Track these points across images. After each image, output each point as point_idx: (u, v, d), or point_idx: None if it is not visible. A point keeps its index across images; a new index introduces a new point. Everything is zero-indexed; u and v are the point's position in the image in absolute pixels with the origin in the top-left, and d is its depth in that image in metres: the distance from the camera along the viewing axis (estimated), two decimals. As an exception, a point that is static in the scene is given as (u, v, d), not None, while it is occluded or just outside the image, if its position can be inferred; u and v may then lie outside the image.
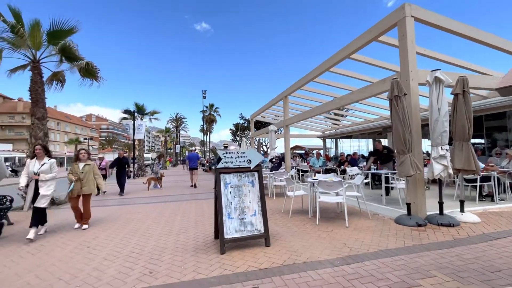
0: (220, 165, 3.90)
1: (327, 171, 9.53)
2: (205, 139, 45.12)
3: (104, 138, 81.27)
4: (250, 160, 4.01)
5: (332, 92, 11.40)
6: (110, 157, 47.84)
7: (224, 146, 16.84)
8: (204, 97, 38.66)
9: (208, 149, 42.70)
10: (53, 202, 7.51)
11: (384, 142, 17.43)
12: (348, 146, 23.08)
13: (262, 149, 28.65)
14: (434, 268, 2.85)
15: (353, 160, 10.40)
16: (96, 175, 5.36)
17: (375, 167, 8.18)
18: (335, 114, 18.28)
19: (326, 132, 20.56)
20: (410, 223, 4.50)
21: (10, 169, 24.35)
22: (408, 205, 4.80)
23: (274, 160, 10.94)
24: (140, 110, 20.38)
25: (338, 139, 21.55)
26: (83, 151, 5.35)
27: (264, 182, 4.58)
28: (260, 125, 27.56)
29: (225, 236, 3.58)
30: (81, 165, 5.21)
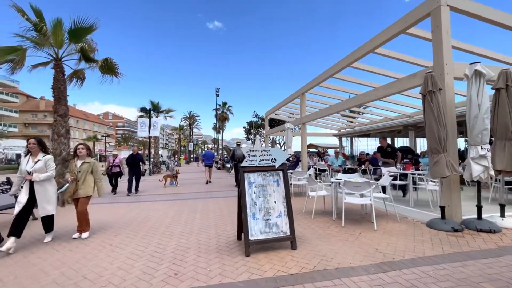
0: (244, 164, 3.75)
1: (346, 171, 9.21)
2: (217, 137, 45.41)
3: (120, 136, 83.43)
4: (275, 159, 3.84)
5: (352, 89, 11.03)
6: (126, 154, 49.27)
7: (237, 144, 16.74)
8: (217, 95, 38.85)
9: (220, 147, 42.96)
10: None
11: (405, 141, 16.74)
12: (364, 145, 22.45)
13: (276, 147, 28.42)
14: (484, 280, 2.58)
15: (373, 159, 9.99)
16: (97, 177, 4.58)
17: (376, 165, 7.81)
18: (351, 111, 17.78)
19: (342, 131, 20.07)
20: (445, 227, 4.20)
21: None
22: (442, 208, 4.48)
23: (290, 159, 10.72)
24: (156, 108, 20.63)
25: (355, 138, 20.99)
26: (81, 146, 4.57)
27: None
28: (274, 123, 27.32)
29: (250, 238, 3.43)
30: (79, 162, 4.47)
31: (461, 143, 15.86)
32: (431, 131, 4.39)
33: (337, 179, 5.45)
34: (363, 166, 9.19)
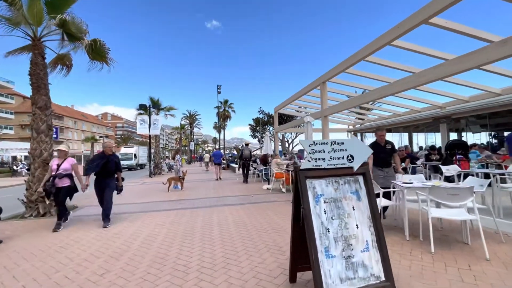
0: (306, 165, 2.32)
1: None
2: (219, 136, 43.92)
3: (119, 136, 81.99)
4: (351, 156, 2.42)
5: (385, 75, 9.57)
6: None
7: (245, 144, 15.46)
8: (219, 92, 37.34)
9: (219, 146, 41.48)
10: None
11: (436, 136, 15.17)
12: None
13: (285, 146, 26.99)
14: None
15: (412, 156, 8.61)
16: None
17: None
18: (361, 107, 16.30)
19: (356, 126, 18.64)
20: None
21: (26, 167, 23.94)
22: None
23: None
24: (156, 105, 19.19)
25: (373, 134, 19.49)
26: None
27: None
28: (281, 119, 25.87)
29: (327, 291, 2.02)
30: None
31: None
32: None
33: (405, 182, 4.05)
34: (403, 164, 7.77)
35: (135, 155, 30.77)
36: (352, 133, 19.48)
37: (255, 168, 13.68)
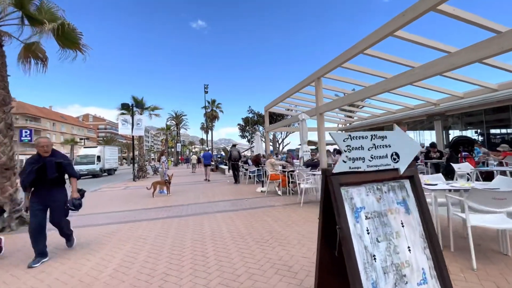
0: (340, 167, 1.70)
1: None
2: (207, 137, 42.83)
3: (102, 138, 78.83)
4: (397, 154, 1.82)
5: (381, 71, 9.17)
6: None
7: (233, 145, 14.91)
8: (206, 92, 36.32)
9: (208, 147, 40.34)
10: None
11: (431, 134, 15.00)
12: None
13: (276, 145, 26.46)
14: None
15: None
16: None
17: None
18: (351, 105, 15.88)
19: (348, 125, 18.39)
20: None
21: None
22: None
23: (315, 159, 8.77)
24: (139, 104, 18.09)
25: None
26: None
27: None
28: (271, 119, 25.33)
29: None
30: None
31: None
32: None
33: (428, 184, 3.52)
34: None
35: (98, 157, 23.85)
36: (344, 132, 19.22)
37: (246, 170, 13.01)
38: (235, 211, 6.01)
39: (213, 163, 25.56)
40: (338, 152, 11.16)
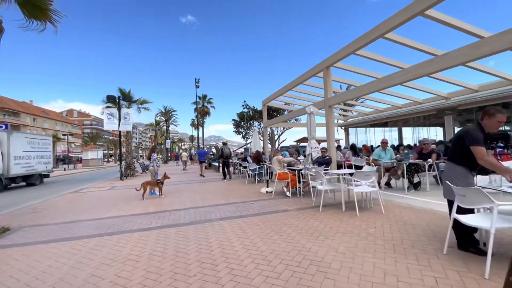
0: None
1: (411, 168, 6.57)
2: (198, 134, 41.43)
3: (87, 134, 75.70)
4: None
5: (397, 60, 8.38)
6: (93, 155, 43.46)
7: (223, 144, 14.48)
8: (197, 86, 35.01)
9: (198, 144, 39.03)
10: None
11: (440, 131, 14.46)
12: (379, 138, 19.41)
13: (274, 141, 25.45)
14: None
15: (444, 151, 7.54)
16: None
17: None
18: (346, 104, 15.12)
19: (349, 120, 17.71)
20: None
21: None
22: None
23: (326, 156, 7.93)
24: (127, 97, 16.74)
25: (368, 128, 18.55)
26: None
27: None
28: (268, 114, 24.38)
29: None
30: None
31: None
32: None
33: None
34: (430, 160, 6.62)
35: None
36: (343, 128, 18.54)
37: (244, 168, 12.07)
38: (243, 218, 5.08)
39: (207, 161, 24.51)
40: (351, 148, 10.38)
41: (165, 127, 48.70)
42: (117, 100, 15.62)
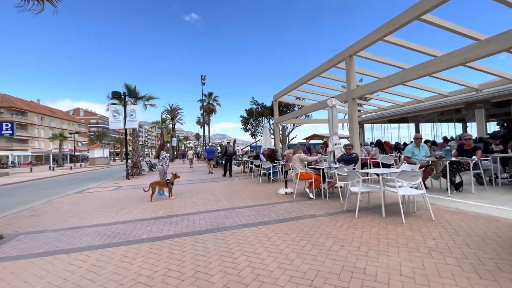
0: None
1: (453, 166, 5.77)
2: (203, 132, 40.87)
3: (93, 133, 75.97)
4: None
5: (428, 47, 7.54)
6: (100, 153, 43.22)
7: (227, 142, 14.22)
8: (203, 83, 34.49)
9: (204, 142, 38.43)
10: None
11: (470, 127, 13.31)
12: (396, 135, 17.66)
13: (285, 138, 24.71)
14: None
15: (484, 146, 6.72)
16: None
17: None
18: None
19: (363, 116, 16.86)
20: None
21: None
22: None
23: (354, 152, 7.19)
24: (132, 93, 16.17)
25: (385, 125, 17.57)
26: None
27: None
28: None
29: None
30: None
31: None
32: None
33: None
34: (474, 157, 5.81)
35: None
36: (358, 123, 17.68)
37: (256, 166, 11.39)
38: (267, 225, 4.40)
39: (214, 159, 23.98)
40: (377, 144, 9.60)
41: (171, 125, 48.34)
42: (123, 96, 15.07)
